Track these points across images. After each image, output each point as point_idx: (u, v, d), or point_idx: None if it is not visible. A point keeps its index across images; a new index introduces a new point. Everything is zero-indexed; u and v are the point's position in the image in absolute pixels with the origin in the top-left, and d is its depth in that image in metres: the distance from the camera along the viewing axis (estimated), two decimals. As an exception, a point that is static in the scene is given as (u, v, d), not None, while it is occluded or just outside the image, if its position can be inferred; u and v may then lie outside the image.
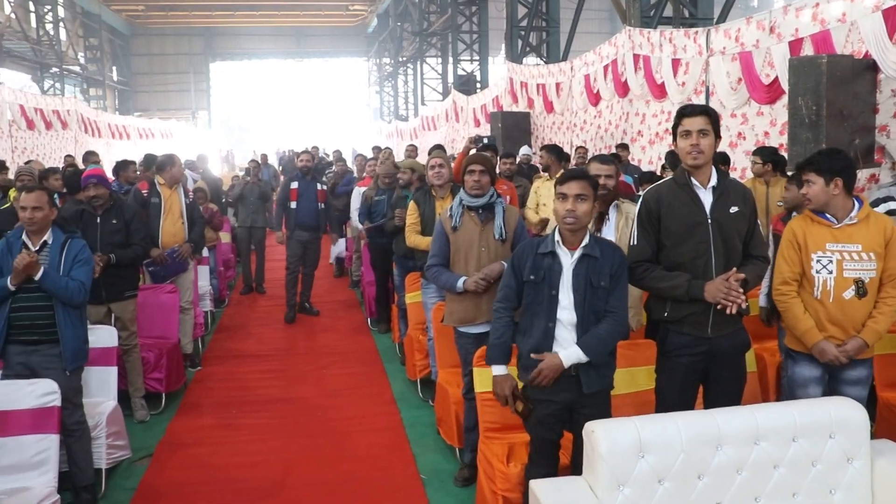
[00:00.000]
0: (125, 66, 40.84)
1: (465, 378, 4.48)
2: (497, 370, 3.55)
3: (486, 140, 10.43)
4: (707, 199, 3.47)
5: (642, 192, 3.95)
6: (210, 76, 44.72)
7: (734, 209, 3.48)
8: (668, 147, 9.29)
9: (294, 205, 8.54)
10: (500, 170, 7.98)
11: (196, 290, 7.33)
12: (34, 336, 4.18)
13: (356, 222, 8.78)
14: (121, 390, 5.21)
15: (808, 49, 7.19)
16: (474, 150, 7.15)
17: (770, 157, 6.40)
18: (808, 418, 3.09)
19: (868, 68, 6.46)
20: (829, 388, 3.69)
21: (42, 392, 3.97)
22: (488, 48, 22.74)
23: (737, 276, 3.34)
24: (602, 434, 2.93)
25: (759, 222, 3.65)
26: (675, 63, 9.61)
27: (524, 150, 11.05)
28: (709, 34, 8.91)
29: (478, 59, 22.70)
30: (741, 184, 3.74)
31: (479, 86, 21.51)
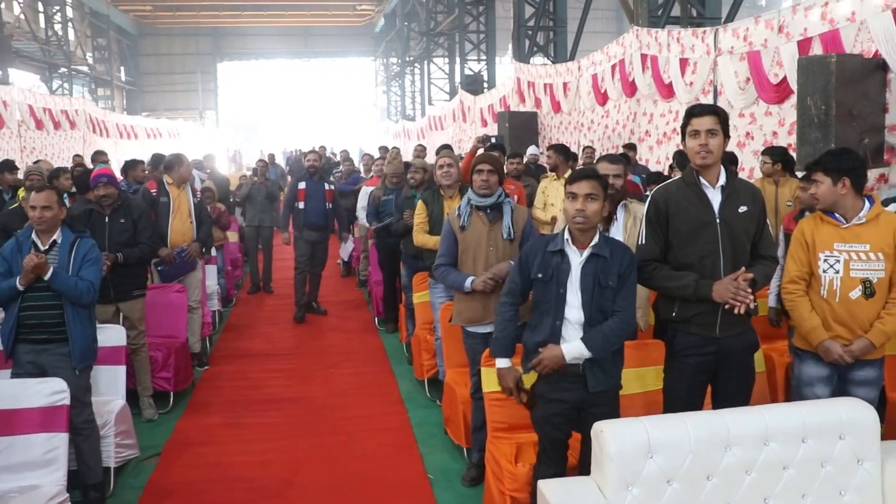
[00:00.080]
0: (133, 66, 41.02)
1: (473, 378, 4.48)
2: (501, 363, 3.57)
3: (493, 140, 10.41)
4: (716, 198, 3.46)
5: (650, 192, 3.94)
6: (217, 76, 44.89)
7: (743, 209, 3.47)
8: (676, 147, 9.27)
9: (302, 205, 8.54)
10: (507, 170, 7.94)
11: (204, 289, 7.35)
12: (43, 335, 4.19)
13: (363, 221, 8.78)
14: (129, 389, 5.22)
15: (817, 48, 7.16)
16: (482, 150, 7.14)
17: (780, 156, 6.37)
18: (818, 419, 3.08)
19: (878, 68, 6.43)
20: (839, 389, 3.67)
21: (51, 391, 3.98)
22: (495, 48, 22.76)
23: (745, 276, 3.32)
24: (611, 434, 2.92)
25: (767, 222, 3.64)
26: (683, 63, 9.59)
27: (531, 149, 11.03)
28: (717, 34, 8.88)
29: (485, 58, 22.70)
30: (750, 184, 3.73)
31: (486, 85, 21.51)
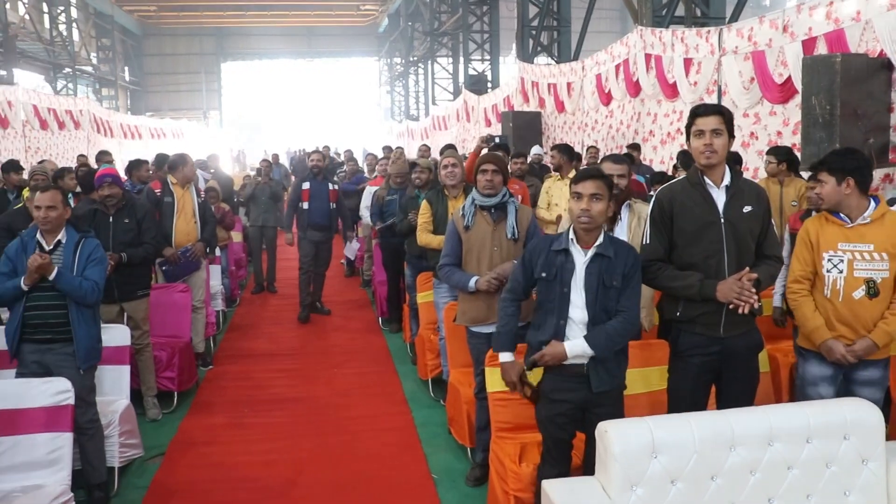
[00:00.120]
0: (137, 67, 41.06)
1: (477, 378, 4.48)
2: (504, 357, 3.58)
3: (497, 140, 10.41)
4: (720, 198, 3.45)
5: (654, 192, 3.94)
6: (221, 76, 44.88)
7: (747, 209, 3.46)
8: (680, 147, 9.26)
9: (306, 205, 8.54)
10: (510, 170, 7.97)
11: (208, 289, 7.36)
12: (48, 335, 4.20)
13: (367, 220, 8.77)
14: (133, 389, 5.24)
15: (822, 48, 7.14)
16: (486, 150, 7.14)
17: (785, 156, 6.37)
18: (823, 419, 3.07)
19: (882, 67, 6.41)
20: (844, 389, 3.66)
21: (56, 390, 3.99)
22: (499, 48, 22.74)
23: (749, 276, 3.32)
24: (615, 434, 2.92)
25: (772, 222, 3.63)
26: (687, 62, 9.57)
27: (535, 149, 11.02)
28: (721, 33, 8.86)
29: (489, 58, 22.71)
30: (755, 183, 3.72)
31: (490, 85, 21.51)
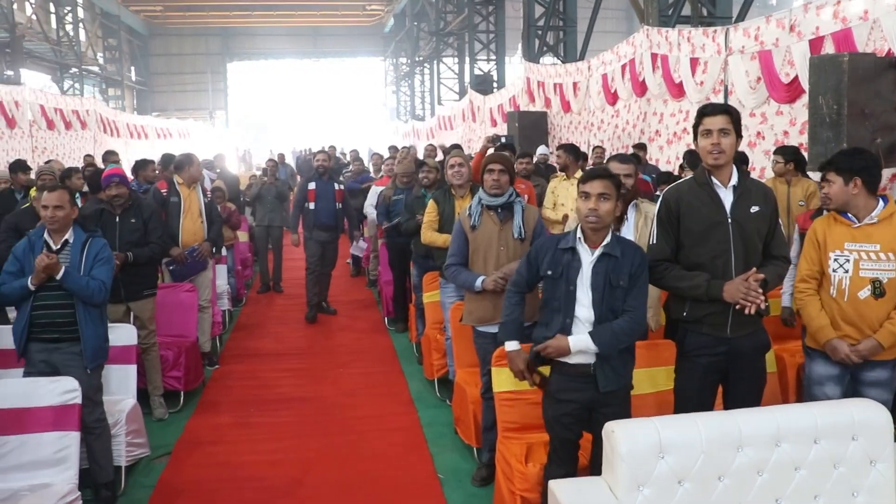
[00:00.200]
0: (143, 67, 41.19)
1: (484, 377, 4.47)
2: (510, 346, 3.57)
3: (503, 139, 10.40)
4: (727, 198, 3.45)
5: (660, 192, 3.93)
6: (227, 76, 45.03)
7: (755, 209, 3.45)
8: (686, 147, 9.23)
9: (313, 205, 8.53)
10: (516, 169, 7.95)
11: (214, 288, 7.38)
12: (55, 334, 4.21)
13: (373, 218, 8.77)
14: (140, 388, 5.24)
15: (829, 47, 7.12)
16: (492, 150, 7.14)
17: (792, 156, 6.34)
18: (830, 420, 3.05)
19: (890, 66, 6.37)
20: (851, 390, 3.66)
21: (63, 390, 4.00)
22: (505, 48, 22.74)
23: (756, 277, 3.31)
24: (622, 434, 2.91)
25: (780, 222, 3.62)
26: (694, 62, 9.54)
27: (541, 149, 11.02)
28: (727, 33, 8.84)
29: (495, 58, 22.70)
30: (762, 184, 3.71)
31: (495, 85, 21.49)
